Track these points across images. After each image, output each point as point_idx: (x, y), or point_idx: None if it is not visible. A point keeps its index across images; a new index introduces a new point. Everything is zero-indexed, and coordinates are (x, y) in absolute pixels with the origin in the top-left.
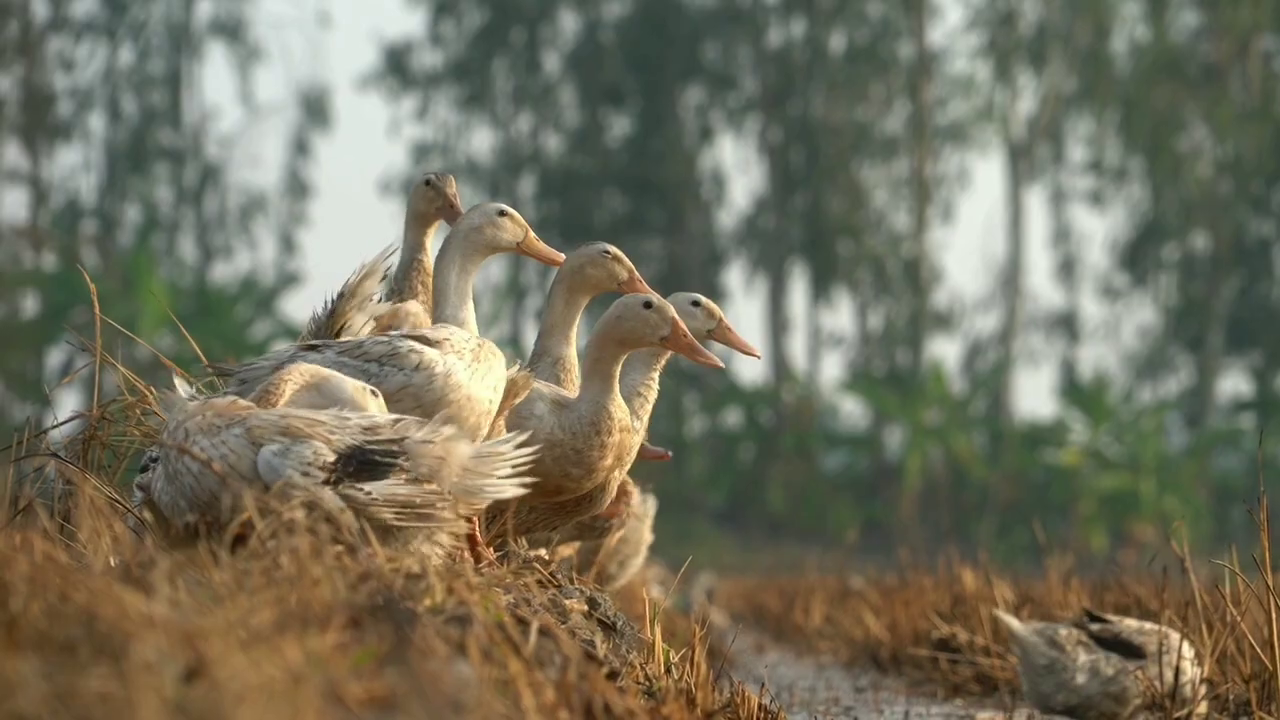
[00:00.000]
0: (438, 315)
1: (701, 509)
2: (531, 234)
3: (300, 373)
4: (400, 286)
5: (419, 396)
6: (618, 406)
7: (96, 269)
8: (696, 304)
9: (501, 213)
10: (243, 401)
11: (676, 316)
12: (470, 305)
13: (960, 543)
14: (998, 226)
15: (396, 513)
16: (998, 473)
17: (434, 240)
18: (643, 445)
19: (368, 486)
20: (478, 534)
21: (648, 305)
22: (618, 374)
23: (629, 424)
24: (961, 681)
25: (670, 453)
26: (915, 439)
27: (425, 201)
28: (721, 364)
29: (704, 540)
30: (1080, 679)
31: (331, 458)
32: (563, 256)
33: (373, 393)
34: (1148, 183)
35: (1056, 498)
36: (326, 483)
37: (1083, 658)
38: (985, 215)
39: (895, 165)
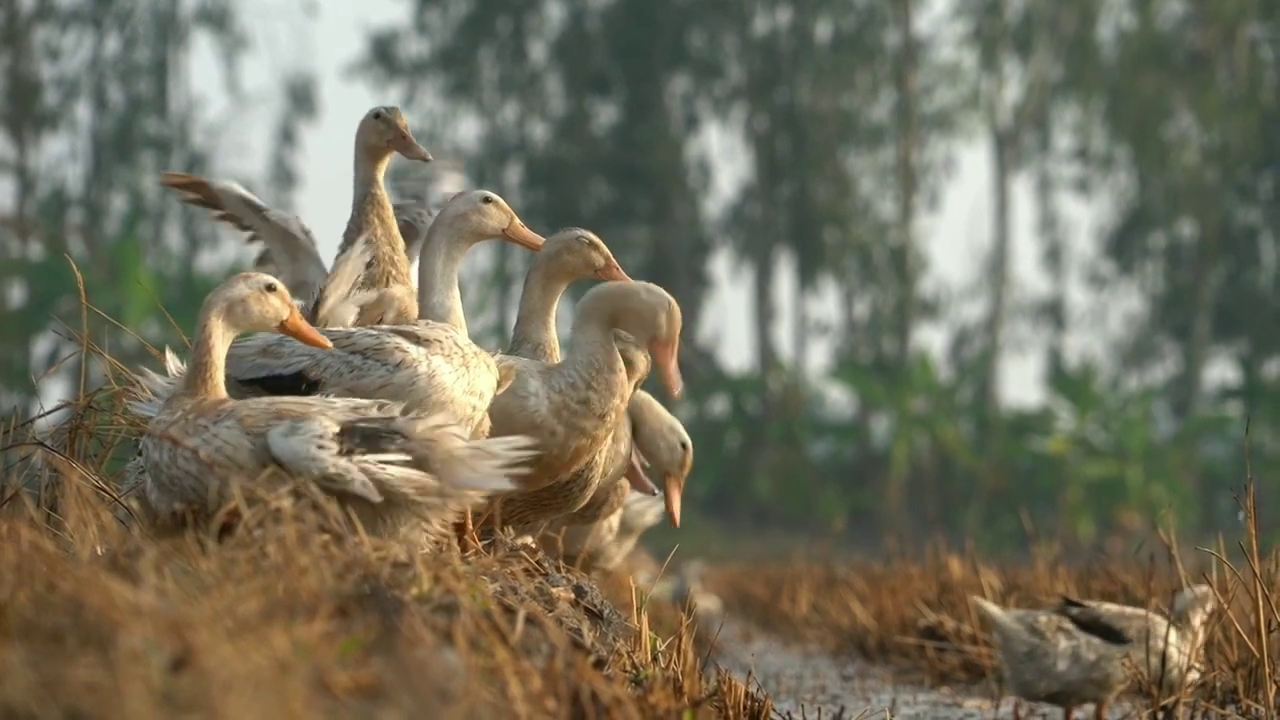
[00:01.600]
0: (424, 303)
1: (688, 497)
2: (516, 220)
3: (218, 308)
4: (357, 224)
5: (399, 395)
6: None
7: (83, 258)
8: (583, 240)
9: (486, 199)
10: (212, 397)
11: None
12: (456, 293)
13: (947, 531)
14: (984, 214)
15: (417, 488)
16: (984, 461)
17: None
18: (634, 471)
19: (380, 461)
20: (468, 522)
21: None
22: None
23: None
24: (948, 669)
25: (658, 491)
26: (902, 427)
27: (376, 135)
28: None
29: (690, 528)
30: (1061, 665)
31: (336, 429)
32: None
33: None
34: (1134, 171)
35: (1043, 486)
36: (340, 453)
37: (1063, 644)
38: (971, 203)
39: (881, 153)
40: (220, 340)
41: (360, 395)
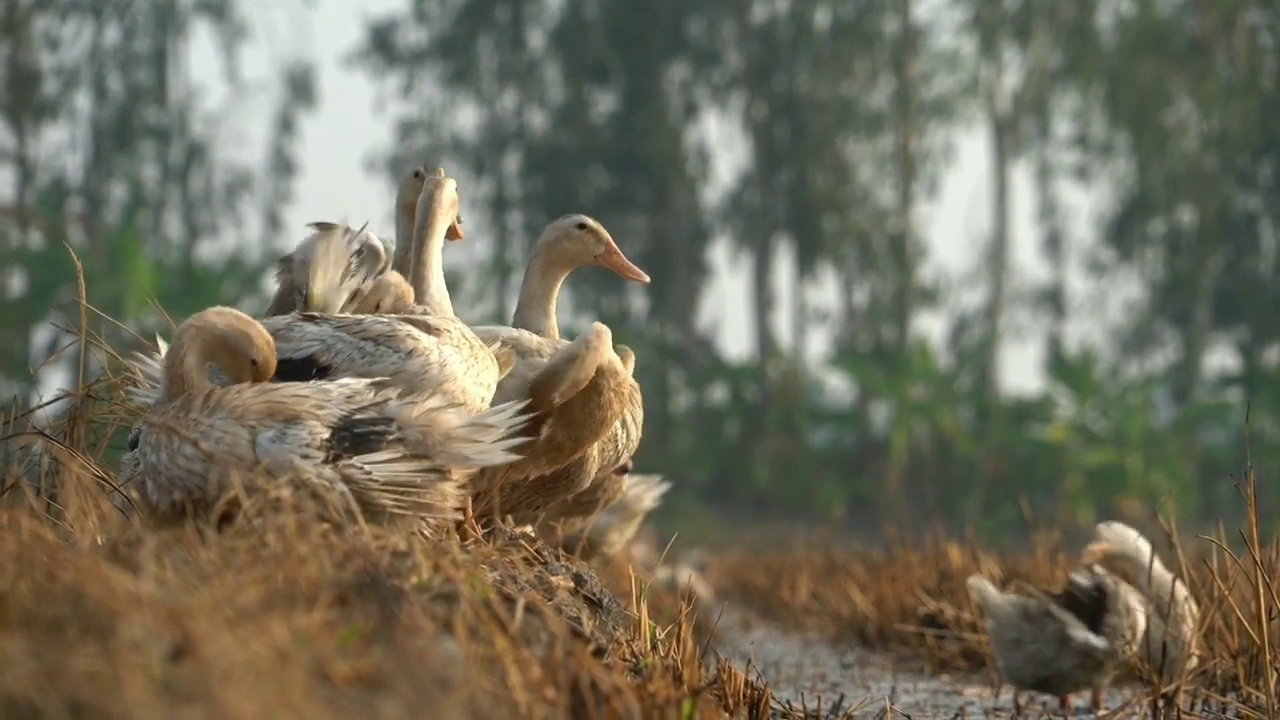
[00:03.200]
0: (419, 291)
1: (687, 485)
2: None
3: (195, 330)
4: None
5: (411, 383)
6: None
7: (83, 247)
8: (583, 226)
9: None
10: (198, 387)
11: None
12: (440, 280)
13: (947, 518)
14: (983, 202)
15: (396, 499)
16: (984, 448)
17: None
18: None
19: (366, 465)
20: (468, 510)
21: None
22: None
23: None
24: (948, 657)
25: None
26: (901, 415)
27: (413, 193)
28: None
29: (690, 516)
30: (1048, 652)
31: (326, 434)
32: (462, 237)
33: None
34: (1133, 157)
35: (1043, 473)
36: (326, 461)
37: (1050, 628)
38: (971, 190)
39: (880, 141)
40: (197, 366)
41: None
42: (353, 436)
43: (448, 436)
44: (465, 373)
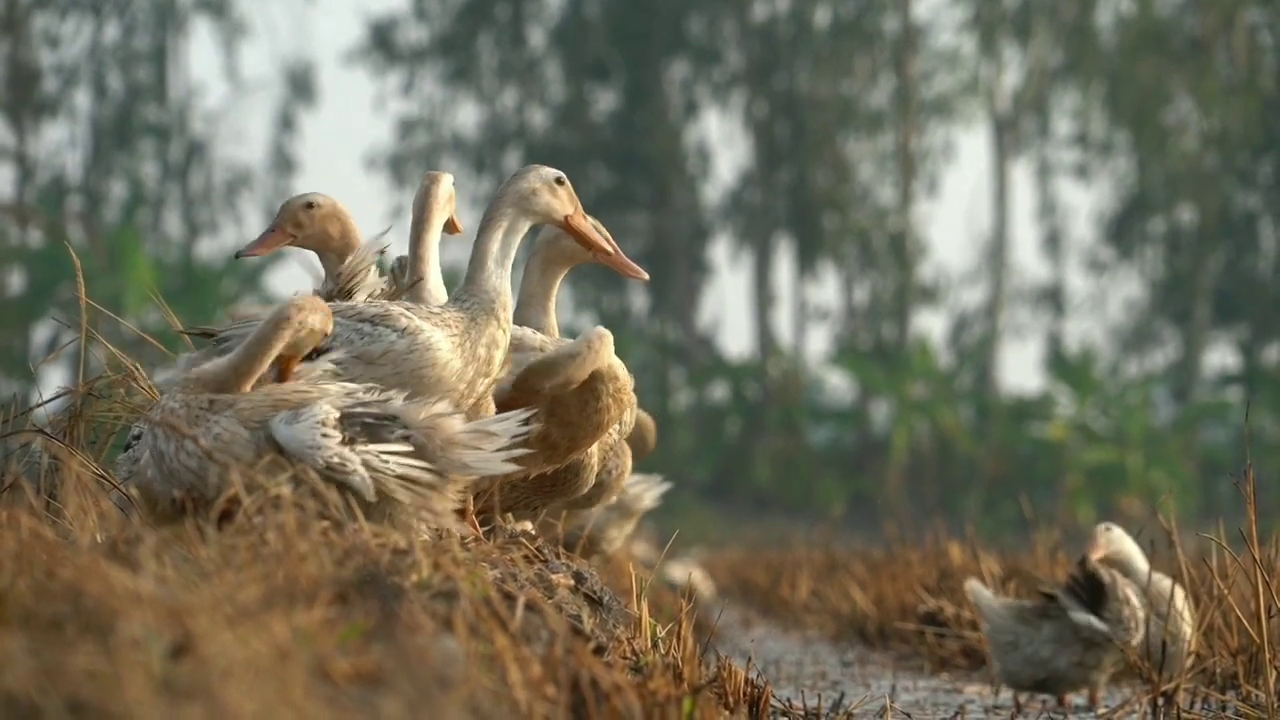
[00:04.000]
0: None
1: (688, 483)
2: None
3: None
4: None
5: (397, 363)
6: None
7: (82, 245)
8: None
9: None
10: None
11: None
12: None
13: (947, 516)
14: (983, 200)
15: (410, 495)
16: (984, 446)
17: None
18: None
19: (383, 454)
20: (468, 507)
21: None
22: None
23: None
24: (948, 655)
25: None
26: (901, 413)
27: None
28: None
29: (690, 514)
30: (1045, 653)
31: (337, 414)
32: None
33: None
34: (1133, 156)
35: (1043, 471)
36: (342, 442)
37: (1046, 630)
38: (971, 189)
39: (880, 139)
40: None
41: (368, 361)
42: (363, 424)
43: (450, 441)
44: (447, 363)
